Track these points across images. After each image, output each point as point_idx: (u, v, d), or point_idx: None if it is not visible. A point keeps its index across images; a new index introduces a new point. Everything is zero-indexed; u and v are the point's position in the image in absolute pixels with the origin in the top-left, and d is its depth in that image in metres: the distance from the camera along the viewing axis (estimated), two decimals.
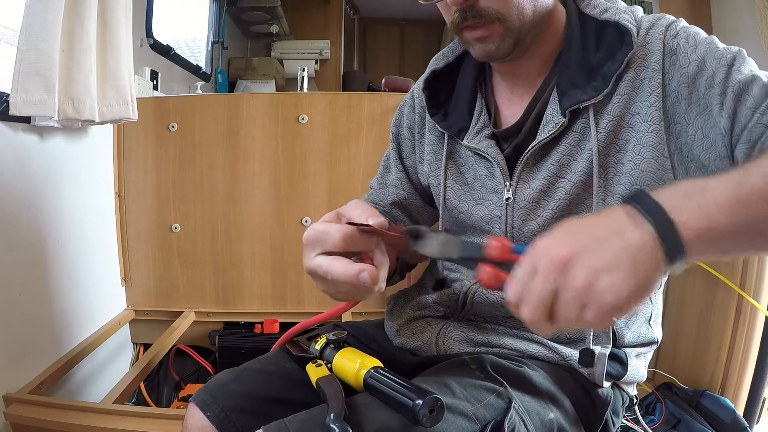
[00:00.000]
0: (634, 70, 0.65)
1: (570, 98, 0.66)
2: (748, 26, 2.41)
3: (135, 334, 1.85)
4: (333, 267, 0.52)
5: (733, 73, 0.59)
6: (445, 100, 0.80)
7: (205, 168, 1.76)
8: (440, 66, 0.80)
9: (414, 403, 0.49)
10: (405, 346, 0.80)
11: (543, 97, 0.71)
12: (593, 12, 0.69)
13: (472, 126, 0.76)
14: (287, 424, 0.53)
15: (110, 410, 1.17)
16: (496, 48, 0.66)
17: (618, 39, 0.66)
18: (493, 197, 0.74)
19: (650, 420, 1.43)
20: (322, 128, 1.76)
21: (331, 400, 0.54)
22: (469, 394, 0.59)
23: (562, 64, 0.69)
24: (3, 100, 1.18)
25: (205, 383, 0.69)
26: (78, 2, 1.24)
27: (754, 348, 1.41)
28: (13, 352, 1.22)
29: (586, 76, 0.66)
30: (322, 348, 0.64)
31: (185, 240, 1.78)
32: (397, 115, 0.92)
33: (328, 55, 3.65)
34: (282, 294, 1.81)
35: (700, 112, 0.61)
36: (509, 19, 0.63)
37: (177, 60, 2.45)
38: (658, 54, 0.64)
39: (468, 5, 0.63)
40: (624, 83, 0.65)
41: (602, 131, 0.66)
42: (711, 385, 1.47)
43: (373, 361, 0.59)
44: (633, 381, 0.76)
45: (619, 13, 0.67)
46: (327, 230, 0.53)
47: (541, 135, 0.68)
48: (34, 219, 1.32)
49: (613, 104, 0.65)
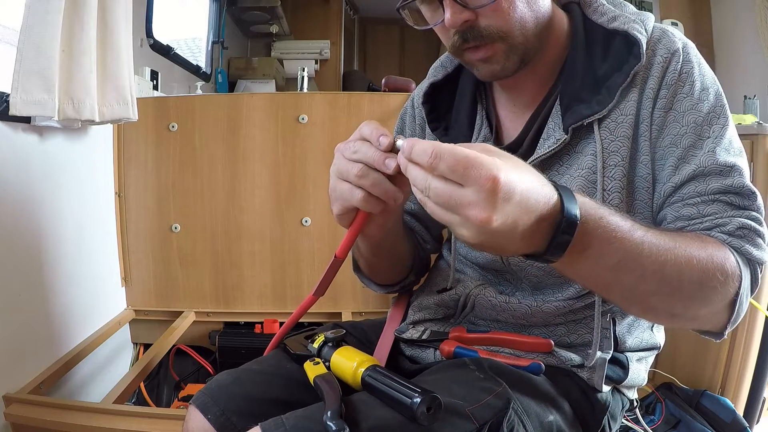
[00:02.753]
0: (640, 81, 0.63)
1: (573, 114, 0.64)
2: (748, 26, 2.41)
3: (135, 334, 1.84)
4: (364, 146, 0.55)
5: (705, 148, 0.61)
6: (445, 113, 0.78)
7: (205, 168, 1.76)
8: (439, 78, 0.78)
9: (412, 401, 0.49)
10: (404, 353, 0.79)
11: (545, 110, 0.68)
12: (601, 20, 0.67)
13: (473, 140, 0.74)
14: (284, 421, 0.53)
15: (110, 410, 1.16)
16: (502, 67, 0.63)
17: (626, 49, 0.63)
18: None
19: (650, 420, 1.43)
20: (322, 128, 1.76)
21: (328, 397, 0.54)
22: (468, 393, 0.58)
23: (566, 74, 0.67)
24: (3, 100, 1.18)
25: (205, 385, 0.68)
26: (78, 2, 1.24)
27: (754, 348, 1.41)
28: (13, 352, 1.22)
29: (591, 88, 0.64)
30: (320, 346, 0.64)
31: (185, 240, 1.78)
32: (399, 123, 0.90)
33: (328, 55, 3.65)
34: (282, 294, 1.81)
35: (662, 153, 0.63)
36: (512, 35, 0.61)
37: (177, 60, 2.45)
38: (659, 71, 0.62)
39: (467, 26, 0.60)
40: (629, 95, 0.63)
41: (607, 147, 0.64)
42: (711, 385, 1.47)
43: (371, 360, 0.59)
44: (633, 385, 0.75)
45: (628, 22, 0.64)
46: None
47: (540, 150, 0.66)
48: (34, 219, 1.32)
49: (618, 117, 0.64)
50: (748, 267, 0.59)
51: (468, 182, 0.41)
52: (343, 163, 0.56)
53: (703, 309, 0.57)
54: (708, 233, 0.58)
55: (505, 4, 0.59)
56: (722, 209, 0.59)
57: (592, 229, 0.48)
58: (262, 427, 0.53)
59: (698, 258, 0.53)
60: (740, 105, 2.10)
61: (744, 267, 0.58)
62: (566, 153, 0.66)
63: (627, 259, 0.50)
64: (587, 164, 0.65)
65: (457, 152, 0.41)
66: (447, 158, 0.42)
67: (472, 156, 0.41)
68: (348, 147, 0.56)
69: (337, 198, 0.58)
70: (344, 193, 0.56)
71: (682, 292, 0.54)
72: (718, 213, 0.59)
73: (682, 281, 0.52)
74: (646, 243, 0.50)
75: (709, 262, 0.53)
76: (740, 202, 0.59)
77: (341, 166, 0.56)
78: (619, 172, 0.64)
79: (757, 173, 1.41)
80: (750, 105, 2.07)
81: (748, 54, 2.43)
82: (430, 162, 0.43)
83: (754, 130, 1.43)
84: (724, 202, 0.60)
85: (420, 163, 0.44)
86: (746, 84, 2.32)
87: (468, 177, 0.41)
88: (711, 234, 0.58)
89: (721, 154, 0.60)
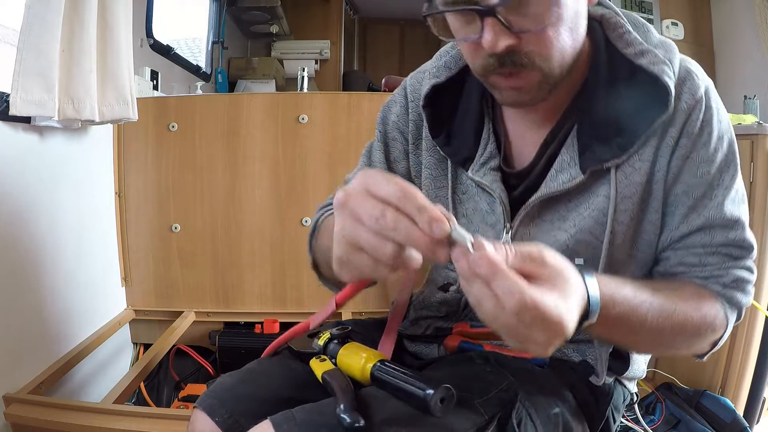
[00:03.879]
0: (661, 126, 0.60)
1: (593, 156, 0.61)
2: (748, 26, 2.41)
3: (135, 334, 1.84)
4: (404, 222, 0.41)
5: (715, 199, 0.62)
6: (447, 119, 0.72)
7: (205, 168, 1.76)
8: (442, 80, 0.70)
9: (425, 392, 0.49)
10: (408, 349, 0.79)
11: (560, 136, 0.65)
12: (626, 50, 0.62)
13: (478, 155, 0.69)
14: (294, 415, 0.52)
15: (110, 410, 1.16)
16: (531, 98, 0.59)
17: (653, 93, 0.59)
18: (490, 232, 0.69)
19: (650, 420, 1.43)
20: (322, 128, 1.76)
21: (340, 391, 0.54)
22: (476, 386, 0.59)
23: (586, 105, 0.63)
24: (3, 100, 1.18)
25: (208, 387, 0.67)
26: (78, 2, 1.24)
27: (754, 348, 1.42)
28: (13, 352, 1.22)
29: (613, 128, 0.61)
30: (326, 343, 0.64)
31: (185, 240, 1.78)
32: (383, 112, 0.81)
33: (328, 55, 3.65)
34: (282, 294, 1.81)
35: (674, 200, 0.64)
36: (551, 66, 0.56)
37: (177, 60, 2.45)
38: (682, 118, 0.60)
39: (508, 51, 0.53)
40: (650, 141, 0.61)
41: (621, 192, 0.62)
42: (711, 385, 1.47)
43: (379, 355, 0.58)
44: (634, 377, 0.76)
45: (658, 62, 0.59)
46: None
47: (552, 183, 0.63)
48: (34, 219, 1.32)
49: (635, 163, 0.62)
50: (735, 311, 0.64)
51: (536, 328, 0.41)
52: (363, 234, 0.42)
53: (688, 352, 0.65)
54: (705, 282, 0.63)
55: (551, 32, 0.54)
56: (721, 261, 0.63)
57: (604, 317, 0.50)
58: (273, 420, 0.52)
59: (693, 321, 0.59)
60: (740, 105, 2.10)
61: (731, 313, 0.63)
62: (577, 189, 0.63)
63: (631, 331, 0.55)
64: (599, 206, 0.63)
65: (539, 305, 0.40)
66: (531, 310, 0.40)
67: (548, 310, 0.41)
68: (369, 212, 0.41)
69: (353, 269, 0.45)
70: (364, 267, 0.44)
71: (673, 347, 0.62)
72: (717, 264, 0.63)
73: (675, 340, 0.59)
74: (649, 316, 0.55)
75: (701, 323, 0.60)
76: (738, 253, 0.63)
77: (362, 239, 0.42)
78: (629, 216, 0.63)
79: (757, 173, 1.41)
80: (750, 105, 2.07)
81: (748, 54, 2.43)
82: (514, 308, 0.40)
83: (754, 130, 1.43)
84: (724, 254, 0.63)
85: (499, 298, 0.40)
86: (746, 84, 2.32)
87: (538, 325, 0.41)
88: (707, 284, 0.63)
89: (728, 207, 0.62)
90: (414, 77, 0.78)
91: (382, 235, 0.41)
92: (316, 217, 0.78)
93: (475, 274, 0.41)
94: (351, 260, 0.44)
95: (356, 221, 0.42)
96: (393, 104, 0.80)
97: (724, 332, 0.63)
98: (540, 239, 0.66)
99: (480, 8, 0.52)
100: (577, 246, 0.65)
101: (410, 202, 0.41)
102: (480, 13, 0.52)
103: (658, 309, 0.56)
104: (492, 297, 0.40)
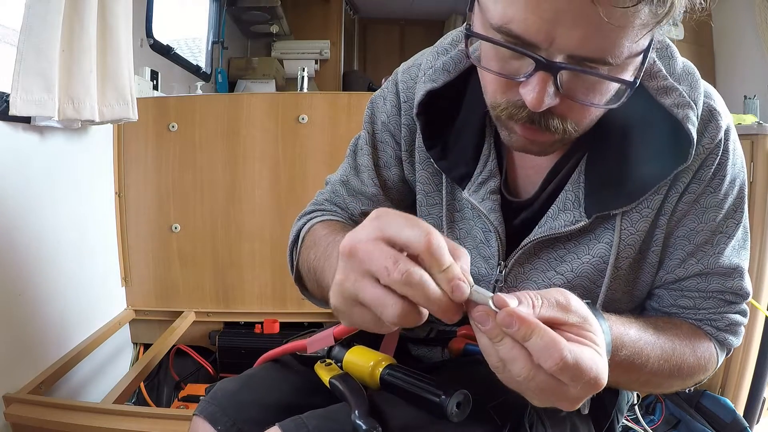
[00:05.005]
0: (675, 176, 0.56)
1: (600, 201, 0.57)
2: (748, 26, 2.41)
3: (135, 334, 1.84)
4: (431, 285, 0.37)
5: (716, 246, 0.60)
6: (442, 128, 0.64)
7: (205, 168, 1.76)
8: (438, 85, 0.62)
9: (442, 398, 0.48)
10: (410, 352, 0.79)
11: (568, 166, 0.60)
12: (650, 84, 0.55)
13: (476, 173, 0.63)
14: (305, 421, 0.50)
15: (110, 410, 1.17)
16: (540, 151, 0.54)
17: (673, 139, 0.54)
18: (482, 265, 0.65)
19: (650, 420, 1.43)
20: (322, 128, 1.76)
21: (353, 397, 0.52)
22: (486, 390, 0.56)
23: (598, 139, 0.57)
24: (3, 100, 1.18)
25: (208, 393, 0.63)
26: (78, 2, 1.24)
27: (754, 348, 1.42)
28: (13, 352, 1.22)
29: (623, 172, 0.56)
30: (330, 347, 0.62)
31: (185, 240, 1.78)
32: (371, 108, 0.73)
33: (328, 55, 3.64)
34: (282, 294, 1.81)
35: (673, 242, 0.61)
36: (578, 133, 0.51)
37: (177, 60, 2.45)
38: (696, 163, 0.56)
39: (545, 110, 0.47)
40: (661, 189, 0.57)
41: (624, 239, 0.59)
42: (711, 385, 1.47)
43: (388, 358, 0.57)
44: None
45: (683, 106, 0.54)
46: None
47: (553, 221, 0.59)
48: (34, 219, 1.32)
49: (642, 210, 0.58)
50: (725, 351, 0.65)
51: (574, 386, 0.38)
52: (369, 291, 0.37)
53: (676, 390, 0.64)
54: (699, 324, 0.63)
55: (595, 109, 0.50)
56: (717, 305, 0.62)
57: (611, 361, 0.48)
58: (282, 427, 0.50)
59: (689, 363, 0.59)
60: (740, 105, 2.10)
61: (721, 354, 0.64)
62: (579, 232, 0.60)
63: (632, 373, 0.55)
64: (600, 253, 0.60)
65: (580, 362, 0.37)
66: (572, 369, 0.37)
67: (588, 366, 0.38)
68: (379, 262, 0.36)
69: (354, 323, 0.42)
70: (364, 323, 0.41)
71: (667, 387, 0.61)
72: (712, 309, 0.62)
73: (670, 381, 0.59)
74: (651, 359, 0.55)
75: (696, 366, 0.60)
76: (734, 299, 0.62)
77: (367, 296, 0.37)
78: (629, 262, 0.61)
79: (757, 173, 1.41)
80: (750, 105, 2.07)
81: (748, 54, 2.43)
82: (554, 367, 0.36)
83: (754, 130, 1.44)
84: (719, 299, 0.62)
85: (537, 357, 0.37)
86: (746, 84, 2.32)
87: (576, 383, 0.38)
88: (701, 326, 0.63)
89: (728, 255, 0.60)
90: (407, 72, 0.69)
91: (390, 291, 0.36)
92: (297, 226, 0.73)
93: (505, 335, 0.37)
94: (350, 315, 0.41)
95: (362, 277, 0.38)
96: (382, 100, 0.72)
97: (712, 371, 0.64)
98: (534, 279, 0.63)
99: (542, 60, 0.44)
100: (573, 290, 0.62)
101: (434, 254, 0.36)
102: (540, 65, 0.44)
103: (660, 352, 0.56)
104: (526, 357, 0.37)
